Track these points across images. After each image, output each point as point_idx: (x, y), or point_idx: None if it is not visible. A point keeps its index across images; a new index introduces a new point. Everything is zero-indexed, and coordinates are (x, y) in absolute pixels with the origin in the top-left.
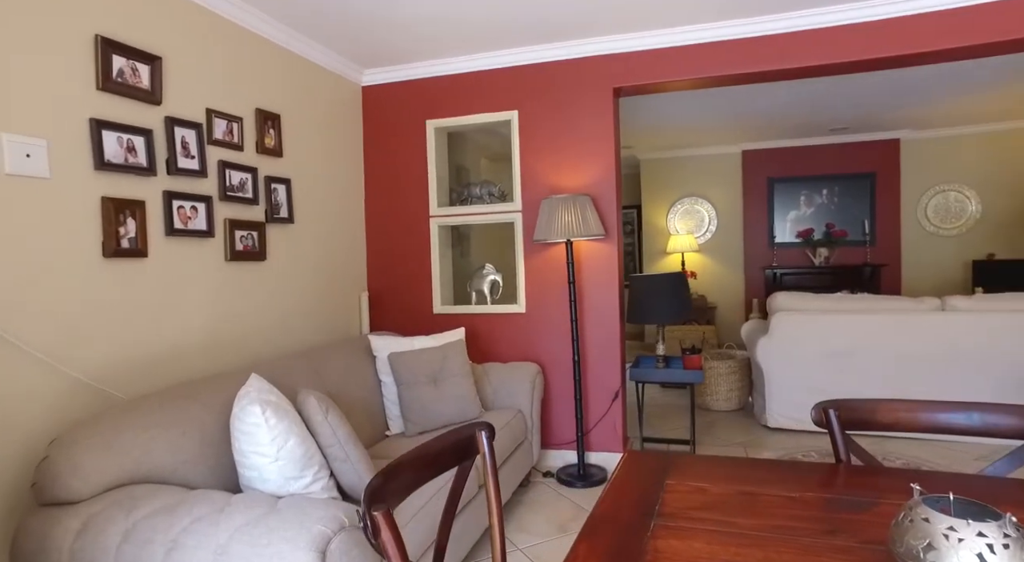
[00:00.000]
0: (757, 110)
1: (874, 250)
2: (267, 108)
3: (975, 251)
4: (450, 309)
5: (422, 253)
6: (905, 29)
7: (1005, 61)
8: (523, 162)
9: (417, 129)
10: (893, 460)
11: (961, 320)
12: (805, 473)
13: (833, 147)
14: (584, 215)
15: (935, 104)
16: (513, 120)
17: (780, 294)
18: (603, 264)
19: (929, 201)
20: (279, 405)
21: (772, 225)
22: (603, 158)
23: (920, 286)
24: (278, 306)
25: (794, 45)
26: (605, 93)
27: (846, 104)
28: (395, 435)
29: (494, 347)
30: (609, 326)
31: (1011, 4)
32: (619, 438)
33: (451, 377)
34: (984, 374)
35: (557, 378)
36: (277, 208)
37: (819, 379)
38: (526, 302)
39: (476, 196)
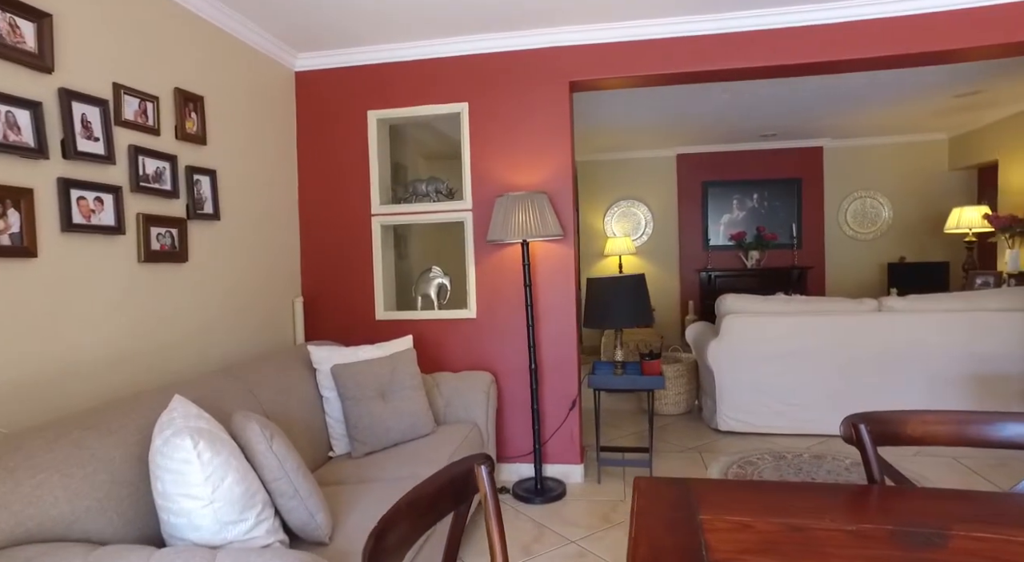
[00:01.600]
0: (693, 114)
1: (801, 253)
2: (188, 88)
3: (889, 254)
4: (394, 315)
5: (363, 254)
6: (870, 32)
7: (917, 76)
8: (474, 158)
9: (358, 120)
10: (842, 459)
11: (897, 320)
12: (846, 498)
13: (763, 152)
14: (542, 214)
15: (854, 114)
16: (463, 113)
17: (728, 296)
18: (559, 266)
19: (848, 207)
20: (213, 434)
21: (706, 228)
22: (559, 155)
23: (842, 287)
24: (202, 314)
25: (760, 43)
26: (561, 87)
27: (777, 111)
28: (340, 456)
29: (443, 355)
30: (565, 331)
31: (935, 17)
32: (577, 449)
33: (402, 390)
34: (918, 372)
35: (511, 387)
36: (201, 203)
37: (769, 381)
38: (477, 307)
39: (422, 194)
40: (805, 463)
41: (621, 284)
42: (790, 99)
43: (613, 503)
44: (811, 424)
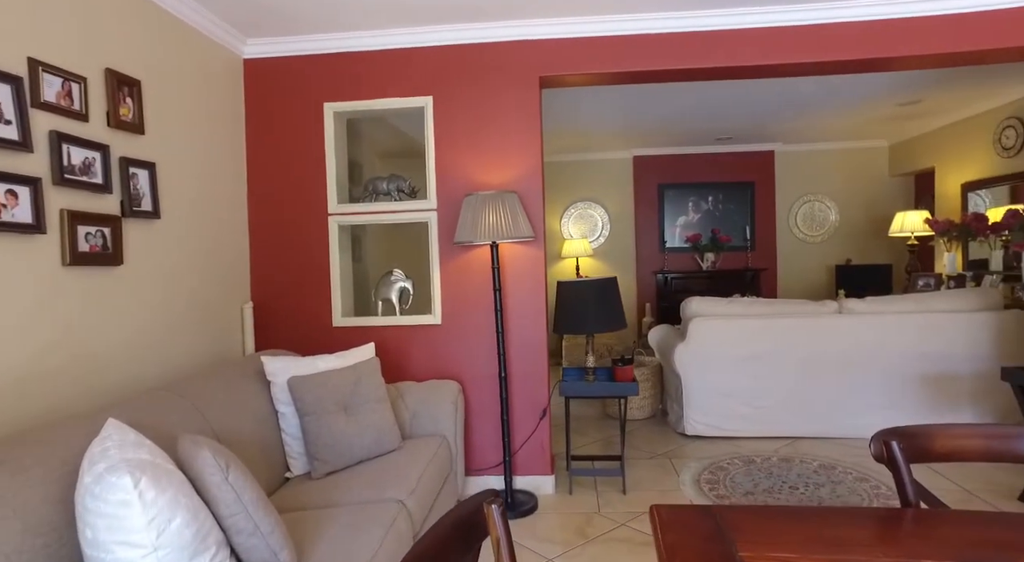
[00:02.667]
0: (650, 116)
1: (754, 255)
2: (122, 70)
3: (836, 256)
4: (353, 321)
5: (319, 256)
6: (833, 35)
7: (865, 84)
8: (439, 155)
9: (313, 113)
10: (810, 462)
11: (856, 322)
12: (890, 526)
13: (718, 156)
14: (513, 214)
15: (805, 119)
16: (427, 107)
17: (694, 299)
18: (529, 269)
19: (798, 210)
20: (158, 467)
21: (663, 230)
22: (528, 153)
23: (793, 289)
24: (139, 323)
25: (734, 43)
26: (531, 82)
27: (733, 114)
28: (299, 477)
29: (406, 364)
30: (535, 337)
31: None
32: (547, 459)
33: (366, 403)
34: (877, 372)
35: (478, 396)
36: (138, 199)
37: (736, 384)
38: (442, 312)
39: (383, 192)
40: (775, 467)
41: (593, 287)
42: (747, 102)
43: (587, 516)
44: (776, 426)
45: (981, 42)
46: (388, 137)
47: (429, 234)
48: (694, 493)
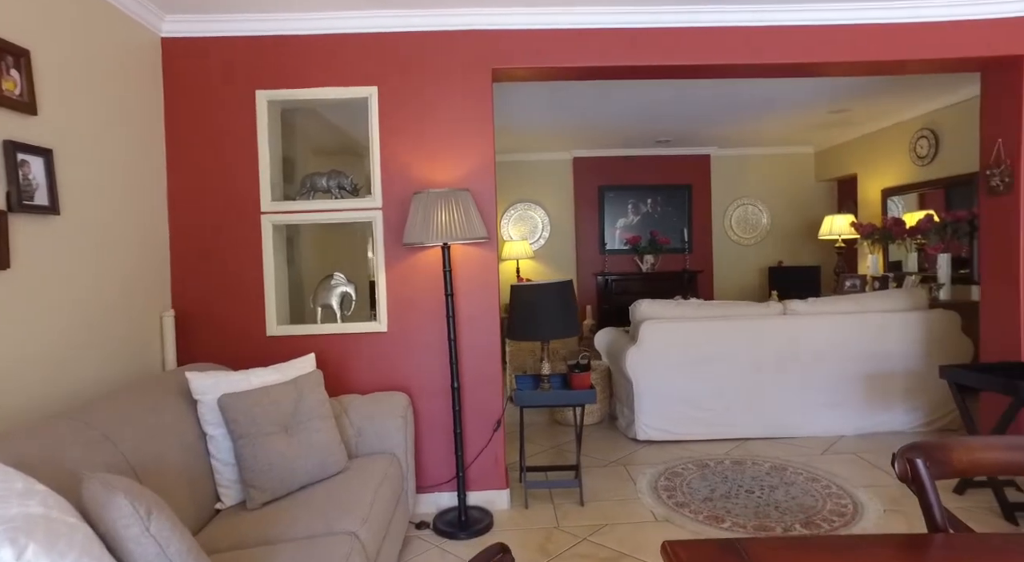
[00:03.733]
0: (591, 117)
1: (692, 257)
2: (5, 36)
3: (768, 258)
4: (289, 330)
5: (250, 259)
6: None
7: (799, 91)
8: (384, 150)
9: (243, 101)
10: (762, 463)
11: (800, 323)
12: (922, 555)
13: (657, 158)
14: (467, 214)
15: (740, 124)
16: (372, 98)
17: (643, 302)
18: (481, 272)
19: (733, 213)
20: (54, 524)
21: (603, 232)
22: (480, 149)
23: (729, 290)
24: (32, 337)
25: (692, 41)
26: (483, 74)
27: (673, 117)
28: (232, 508)
29: (349, 375)
30: (488, 345)
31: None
32: (502, 473)
33: (309, 421)
34: (821, 372)
35: (428, 407)
36: (30, 191)
37: (686, 388)
38: (388, 318)
39: (322, 189)
40: (728, 470)
41: (548, 291)
42: (688, 105)
43: (547, 531)
44: (726, 429)
45: (902, 52)
46: (322, 132)
47: (374, 235)
48: (653, 501)
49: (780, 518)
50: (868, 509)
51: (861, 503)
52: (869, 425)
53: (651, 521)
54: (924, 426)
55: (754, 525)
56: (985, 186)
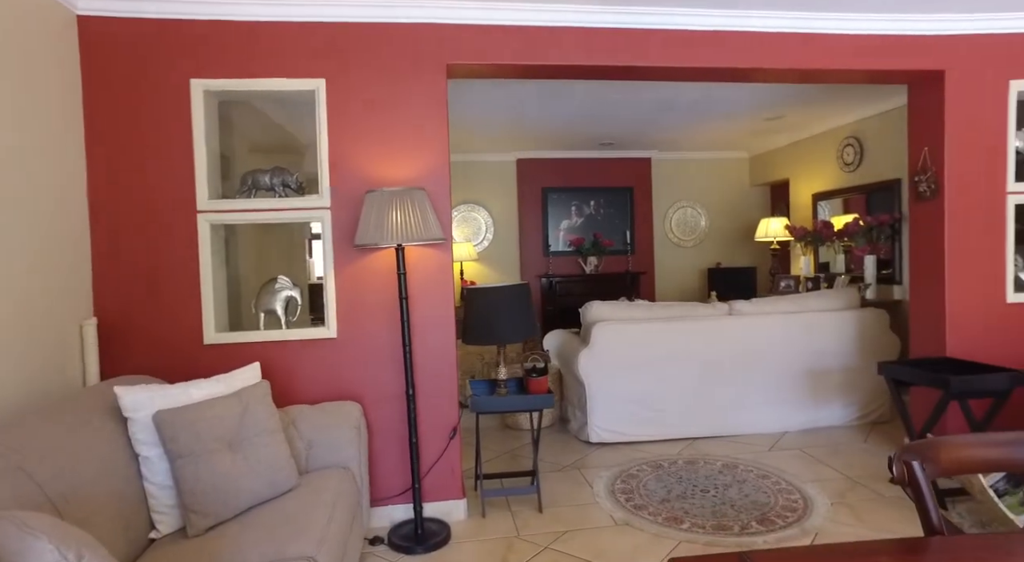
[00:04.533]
0: (536, 118)
1: (634, 259)
2: None
3: (707, 260)
4: (229, 337)
5: (185, 261)
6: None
7: (739, 97)
8: (334, 146)
9: (175, 89)
10: (713, 462)
11: (745, 323)
12: (924, 559)
13: (600, 161)
14: (423, 214)
15: (680, 129)
16: (319, 91)
17: (595, 304)
18: (436, 275)
19: (673, 215)
20: None
21: (547, 234)
22: (434, 147)
23: (670, 291)
24: None
25: (652, 42)
26: (437, 69)
27: (617, 120)
28: (170, 537)
29: (297, 385)
30: (444, 350)
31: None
32: (458, 482)
33: (257, 436)
34: (764, 370)
35: (380, 417)
36: None
37: (638, 389)
38: (338, 324)
39: (265, 187)
40: (682, 470)
41: (504, 295)
42: (632, 108)
43: (507, 541)
44: (677, 429)
45: (835, 62)
46: (261, 128)
47: (322, 235)
48: (611, 505)
49: (736, 516)
50: (817, 503)
51: (810, 498)
52: (810, 420)
53: (611, 525)
54: (858, 420)
55: (712, 525)
56: (914, 192)
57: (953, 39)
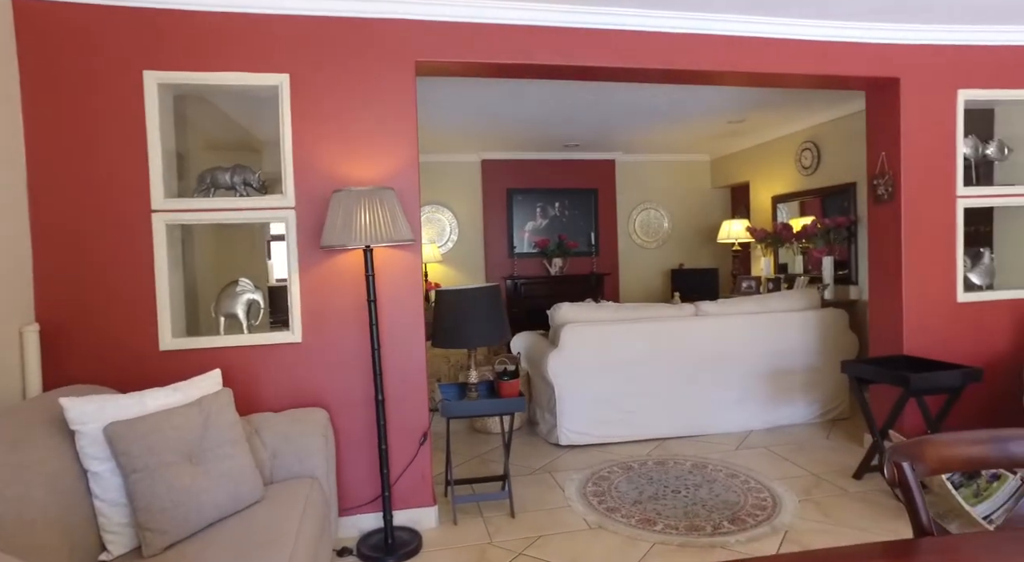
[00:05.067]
0: (502, 118)
1: (598, 260)
2: None
3: (670, 261)
4: (187, 343)
5: (138, 262)
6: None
7: (704, 100)
8: (298, 144)
9: (127, 81)
10: (683, 463)
11: (711, 324)
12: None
13: (565, 162)
14: (392, 214)
15: (645, 131)
16: (283, 86)
17: (563, 305)
18: (406, 277)
19: (637, 217)
20: None
21: (512, 235)
22: (403, 145)
23: (634, 293)
24: None
25: (625, 43)
26: (405, 66)
27: (583, 121)
28: (122, 558)
29: (260, 391)
30: (413, 354)
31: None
32: (429, 489)
33: (219, 447)
34: (729, 370)
35: (348, 423)
36: None
37: (607, 390)
38: (303, 327)
39: (225, 186)
40: (652, 471)
41: (475, 297)
42: (599, 110)
43: (480, 548)
44: (645, 429)
45: (795, 66)
46: (216, 125)
47: (286, 236)
48: (584, 508)
49: (708, 516)
50: (785, 501)
51: (778, 495)
52: (775, 419)
53: (585, 529)
54: (820, 417)
55: (685, 525)
56: (872, 194)
57: (908, 48)
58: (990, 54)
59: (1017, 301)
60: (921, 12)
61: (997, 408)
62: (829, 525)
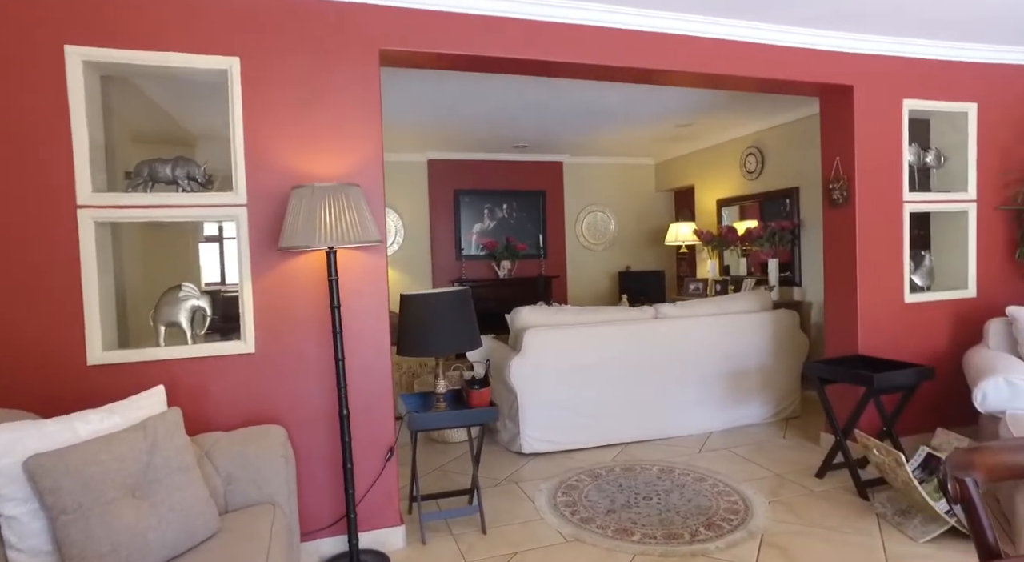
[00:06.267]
0: (449, 118)
1: (546, 262)
2: None
3: (617, 264)
4: (121, 356)
5: (60, 265)
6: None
7: (656, 102)
8: (251, 135)
9: (45, 57)
10: (650, 467)
11: (671, 326)
12: None
13: (513, 163)
14: (359, 213)
15: (592, 133)
16: (232, 71)
17: (524, 309)
18: (370, 281)
19: (584, 219)
20: None
21: (459, 237)
22: (367, 140)
23: (582, 295)
24: None
25: (600, 41)
26: (369, 55)
27: (532, 123)
28: None
29: (208, 409)
30: (378, 363)
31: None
32: (395, 508)
33: (168, 477)
34: (689, 372)
35: (307, 440)
36: None
37: (571, 396)
38: (256, 337)
39: (166, 180)
40: (621, 478)
41: (444, 301)
42: (551, 110)
43: None
44: (608, 434)
45: (750, 70)
46: (144, 115)
47: (237, 237)
48: (557, 520)
49: (684, 523)
50: (755, 503)
51: (748, 498)
52: (732, 420)
53: (561, 542)
54: (774, 416)
55: (663, 534)
56: (827, 198)
57: (861, 57)
58: (930, 68)
59: (955, 301)
60: (878, 22)
61: (940, 404)
62: (802, 526)
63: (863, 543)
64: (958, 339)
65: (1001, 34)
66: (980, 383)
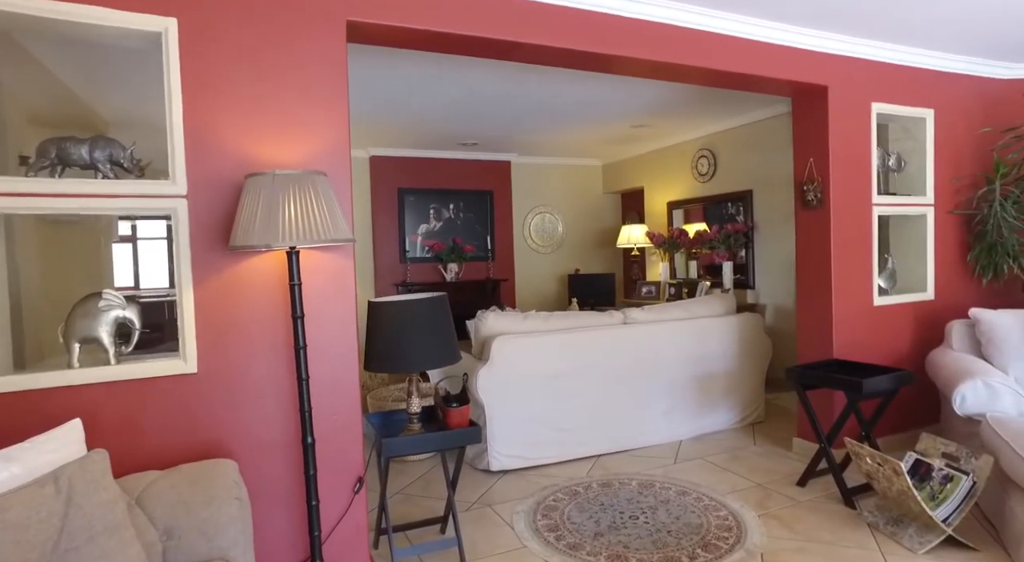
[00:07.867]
0: (394, 112)
1: (494, 265)
2: None
3: (566, 266)
4: (18, 382)
5: None
6: None
7: (614, 101)
8: (191, 113)
9: None
10: (628, 482)
11: (639, 331)
12: None
13: (460, 162)
14: (329, 206)
15: (543, 131)
16: (168, 35)
17: (489, 315)
18: (335, 286)
19: (531, 220)
20: None
21: (404, 239)
22: (332, 121)
23: (531, 299)
24: None
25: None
26: (335, 26)
27: (482, 119)
28: None
29: (138, 443)
30: (345, 381)
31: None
32: (364, 545)
33: (89, 542)
34: (659, 378)
35: (262, 473)
36: None
37: (540, 408)
38: (199, 354)
39: (82, 164)
40: (601, 495)
41: (418, 310)
42: (504, 105)
43: None
44: (579, 447)
45: (721, 63)
46: (46, 95)
47: (175, 234)
48: (542, 547)
49: (679, 544)
50: (745, 518)
51: (737, 513)
52: (701, 427)
53: None
54: (740, 422)
55: (660, 558)
56: (801, 200)
57: (835, 58)
58: (896, 72)
59: (916, 304)
60: (853, 22)
61: (903, 405)
62: (799, 542)
63: (864, 557)
64: (919, 341)
65: (956, 43)
66: (959, 386)
